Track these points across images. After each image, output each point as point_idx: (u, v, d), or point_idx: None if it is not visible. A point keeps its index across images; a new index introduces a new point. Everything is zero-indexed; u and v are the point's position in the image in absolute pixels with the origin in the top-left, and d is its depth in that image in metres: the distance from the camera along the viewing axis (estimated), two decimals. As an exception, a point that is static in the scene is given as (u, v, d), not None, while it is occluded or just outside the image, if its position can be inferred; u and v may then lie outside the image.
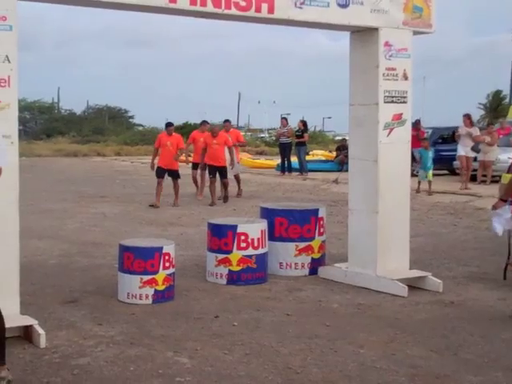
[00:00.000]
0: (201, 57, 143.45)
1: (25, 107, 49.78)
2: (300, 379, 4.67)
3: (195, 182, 16.32)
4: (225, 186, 15.38)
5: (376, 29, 7.11)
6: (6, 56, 5.32)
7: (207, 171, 15.40)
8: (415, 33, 7.38)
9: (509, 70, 46.14)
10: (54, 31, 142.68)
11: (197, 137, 16.30)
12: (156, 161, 15.15)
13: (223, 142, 15.10)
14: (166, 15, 6.76)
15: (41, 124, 54.99)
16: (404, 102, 7.33)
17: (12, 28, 5.33)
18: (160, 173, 14.70)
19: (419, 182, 16.83)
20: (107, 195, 16.71)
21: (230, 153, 15.34)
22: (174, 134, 15.10)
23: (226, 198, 15.30)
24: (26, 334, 5.44)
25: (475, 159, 19.68)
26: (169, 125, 15.40)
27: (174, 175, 14.73)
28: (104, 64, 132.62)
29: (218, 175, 15.05)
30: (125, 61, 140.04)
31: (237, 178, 16.62)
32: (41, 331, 5.33)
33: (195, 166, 16.10)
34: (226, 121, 17.52)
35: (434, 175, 21.29)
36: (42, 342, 5.28)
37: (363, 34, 7.24)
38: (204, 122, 17.25)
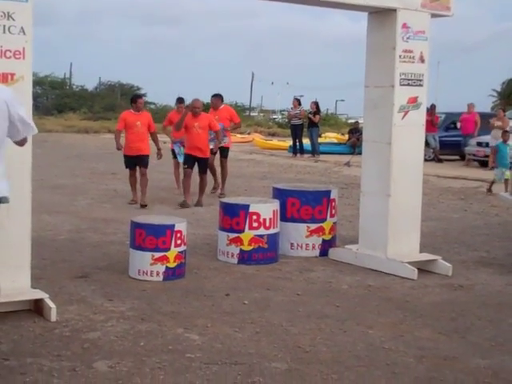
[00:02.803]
0: (218, 36, 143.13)
1: (36, 82, 49.50)
2: (309, 358, 4.69)
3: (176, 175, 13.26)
4: (202, 183, 11.71)
5: (394, 10, 7.05)
6: (22, 28, 5.30)
7: (183, 159, 12.07)
8: (433, 15, 7.33)
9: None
10: (74, 6, 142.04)
11: (174, 118, 12.67)
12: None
13: (207, 124, 11.44)
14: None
15: (52, 99, 54.86)
16: (420, 85, 7.29)
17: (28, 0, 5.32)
18: (130, 162, 11.66)
19: (492, 182, 14.06)
20: (118, 172, 16.66)
21: (217, 137, 11.87)
22: (144, 111, 11.96)
23: (199, 202, 11.54)
24: (37, 307, 5.48)
25: (487, 145, 19.70)
26: (136, 97, 12.07)
27: (144, 162, 11.55)
28: (120, 41, 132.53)
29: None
30: (142, 38, 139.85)
31: (224, 169, 12.95)
32: (51, 305, 5.36)
33: (175, 155, 13.06)
34: (215, 95, 13.19)
35: (445, 160, 21.37)
36: (53, 315, 5.31)
37: (381, 15, 7.19)
38: (179, 100, 13.32)
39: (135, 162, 11.59)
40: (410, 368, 4.59)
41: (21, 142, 4.67)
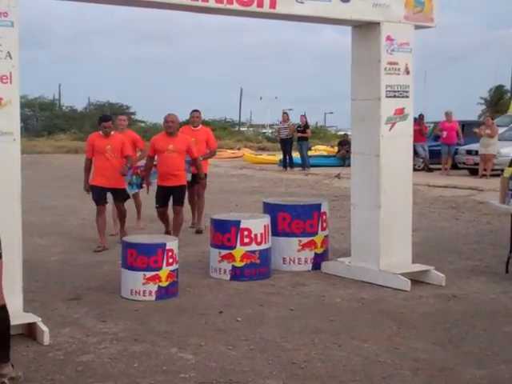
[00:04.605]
0: (207, 52, 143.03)
1: (26, 104, 49.60)
2: (304, 374, 4.67)
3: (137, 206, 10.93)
4: (177, 220, 9.33)
5: (378, 23, 7.10)
6: (8, 52, 5.32)
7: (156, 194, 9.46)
8: (417, 27, 7.38)
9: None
10: (62, 28, 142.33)
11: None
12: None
13: (184, 146, 9.26)
14: (170, 11, 6.78)
15: (42, 121, 54.90)
16: (406, 97, 7.33)
17: (13, 24, 5.33)
18: (99, 195, 9.37)
19: None
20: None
21: (197, 167, 9.63)
22: (114, 133, 9.57)
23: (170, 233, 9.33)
24: (30, 331, 5.44)
25: (476, 153, 19.79)
26: (104, 119, 9.61)
27: (119, 196, 9.51)
28: (109, 60, 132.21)
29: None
30: (130, 57, 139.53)
31: (200, 201, 10.78)
32: (44, 328, 5.33)
33: None
34: (197, 111, 10.89)
35: (435, 169, 21.43)
36: (46, 339, 5.29)
37: (365, 29, 7.24)
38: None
39: (105, 194, 9.44)
40: (406, 381, 4.57)
41: None
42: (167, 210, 9.40)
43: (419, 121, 21.08)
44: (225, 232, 7.46)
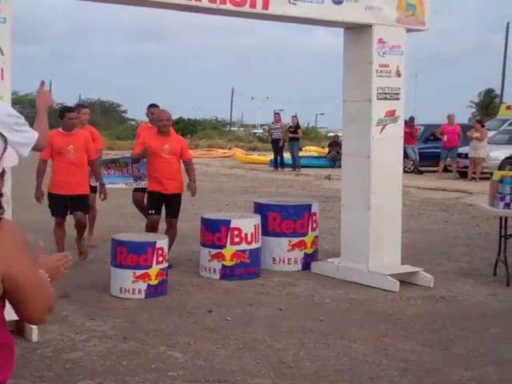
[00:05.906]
0: (200, 52, 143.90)
1: (16, 101, 49.43)
2: (293, 373, 4.69)
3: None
4: (172, 231, 7.99)
5: (370, 26, 7.14)
6: (0, 48, 5.31)
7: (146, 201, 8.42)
8: (408, 30, 7.42)
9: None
10: (56, 24, 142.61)
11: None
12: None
13: (179, 149, 7.99)
14: (163, 9, 6.78)
15: (32, 118, 54.57)
16: (397, 99, 7.37)
17: (6, 20, 5.32)
18: (58, 206, 7.97)
19: None
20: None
21: (189, 173, 8.18)
22: (76, 130, 8.06)
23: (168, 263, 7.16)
24: (18, 328, 5.40)
25: (466, 156, 19.86)
26: (70, 110, 8.20)
27: (81, 205, 7.96)
28: (100, 59, 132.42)
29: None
30: (122, 56, 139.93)
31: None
32: (33, 325, 5.30)
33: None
34: (152, 105, 9.09)
35: (426, 172, 21.49)
36: (34, 336, 5.28)
37: (357, 31, 7.27)
38: (80, 107, 9.41)
39: (66, 204, 7.96)
40: (394, 381, 4.59)
41: None
42: (159, 220, 8.14)
43: (410, 123, 21.11)
44: (215, 231, 7.47)
